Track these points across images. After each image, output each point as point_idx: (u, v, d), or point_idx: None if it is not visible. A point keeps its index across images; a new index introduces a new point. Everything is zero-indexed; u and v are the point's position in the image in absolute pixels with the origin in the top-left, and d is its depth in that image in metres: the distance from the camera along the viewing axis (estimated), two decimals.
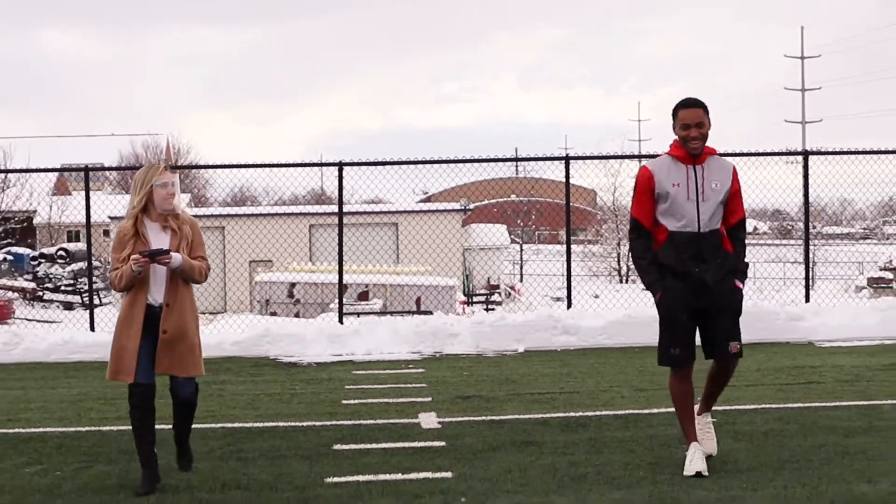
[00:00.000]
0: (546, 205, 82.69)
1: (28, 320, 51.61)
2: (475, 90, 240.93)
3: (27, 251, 70.74)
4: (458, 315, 23.45)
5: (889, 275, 56.74)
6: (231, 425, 11.42)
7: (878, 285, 47.92)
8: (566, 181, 19.74)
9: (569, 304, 19.54)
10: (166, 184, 8.73)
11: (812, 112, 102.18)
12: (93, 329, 19.24)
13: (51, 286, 63.16)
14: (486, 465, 9.20)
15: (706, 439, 8.95)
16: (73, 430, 11.40)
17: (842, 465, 8.82)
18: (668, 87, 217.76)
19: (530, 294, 59.37)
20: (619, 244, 69.36)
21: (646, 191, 8.67)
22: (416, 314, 28.85)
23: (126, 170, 62.74)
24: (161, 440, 8.92)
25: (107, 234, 64.72)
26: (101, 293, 57.97)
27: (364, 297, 45.12)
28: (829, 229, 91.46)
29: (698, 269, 8.55)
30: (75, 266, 62.91)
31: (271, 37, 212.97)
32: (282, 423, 11.43)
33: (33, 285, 63.30)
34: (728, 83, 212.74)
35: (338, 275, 20.19)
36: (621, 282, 68.11)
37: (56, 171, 68.33)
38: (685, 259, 8.56)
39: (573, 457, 9.41)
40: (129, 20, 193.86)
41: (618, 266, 72.14)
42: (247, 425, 11.41)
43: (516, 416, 11.47)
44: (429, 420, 11.30)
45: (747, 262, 8.88)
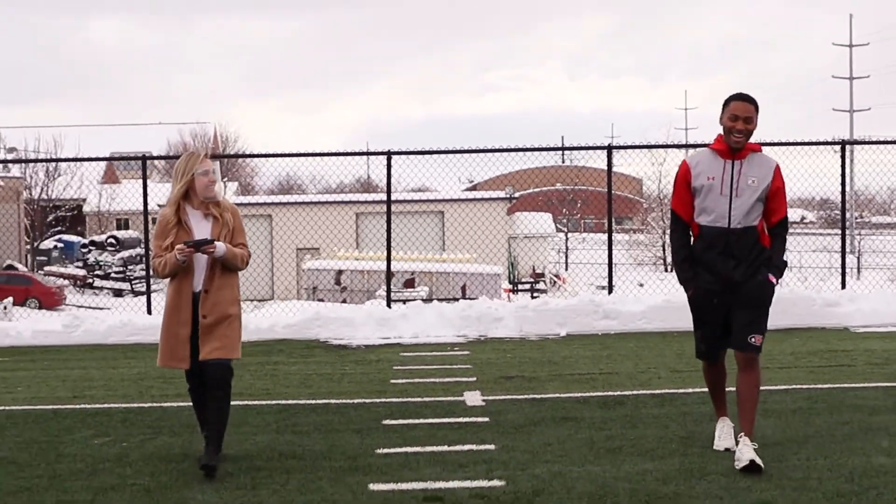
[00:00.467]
0: (591, 193, 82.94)
1: (79, 307, 52.53)
2: (521, 79, 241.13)
3: (77, 239, 71.71)
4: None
5: None
6: (285, 402, 12.01)
7: None
8: (608, 170, 20.25)
9: (610, 290, 20.08)
10: (207, 171, 8.92)
11: (860, 100, 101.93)
12: (150, 312, 19.92)
13: (101, 273, 64.10)
14: (528, 438, 9.75)
15: (745, 451, 8.44)
16: (135, 405, 12.02)
17: (864, 440, 9.31)
18: (714, 76, 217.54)
19: (575, 282, 59.79)
20: (664, 233, 69.56)
21: (683, 183, 8.75)
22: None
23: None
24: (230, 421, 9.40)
25: (155, 222, 65.56)
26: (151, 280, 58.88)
27: (410, 284, 45.71)
28: (879, 219, 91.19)
29: (728, 266, 8.57)
30: (125, 253, 63.85)
31: (314, 26, 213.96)
32: (333, 401, 12.02)
33: (84, 272, 64.27)
34: (775, 71, 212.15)
35: (386, 261, 20.78)
36: (666, 270, 68.35)
37: (112, 160, 69.27)
38: (716, 255, 8.60)
39: (609, 431, 9.95)
40: (173, 9, 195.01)
41: (662, 255, 72.42)
42: (300, 402, 12.00)
43: (557, 395, 12.03)
44: (473, 398, 11.87)
45: (786, 260, 8.80)
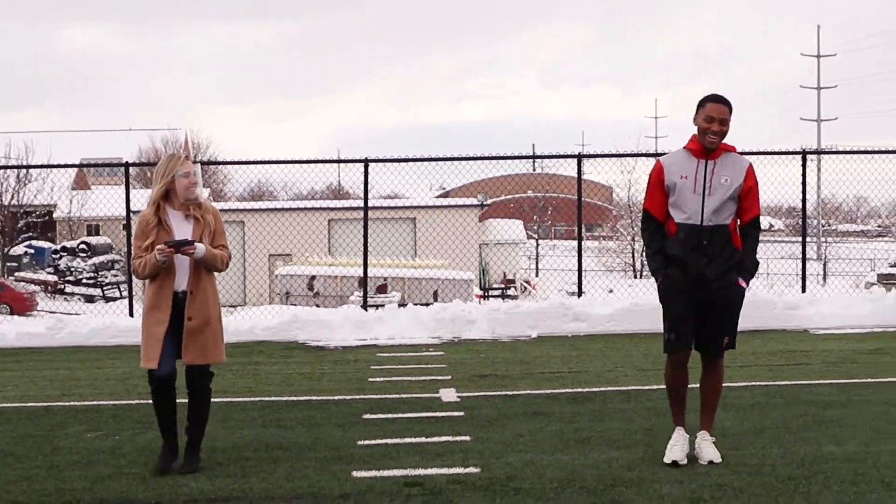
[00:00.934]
0: (562, 201, 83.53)
1: (51, 312, 52.79)
2: (496, 87, 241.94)
3: (48, 245, 71.84)
4: None
5: None
6: (268, 399, 12.55)
7: (887, 282, 48.90)
8: (578, 178, 20.84)
9: (579, 293, 20.69)
10: (188, 173, 8.95)
11: (827, 110, 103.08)
12: (132, 315, 20.39)
13: (72, 279, 64.29)
14: (501, 430, 10.31)
15: (704, 447, 8.88)
16: (124, 402, 12.53)
17: (816, 431, 9.92)
18: (685, 86, 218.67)
19: (546, 288, 60.24)
20: (633, 240, 70.21)
21: (657, 183, 8.82)
22: None
23: None
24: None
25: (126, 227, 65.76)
26: (121, 286, 59.11)
27: (383, 289, 46.13)
28: (845, 227, 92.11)
29: (700, 263, 8.61)
30: (96, 259, 64.02)
31: (289, 33, 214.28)
32: (315, 397, 12.56)
33: (55, 278, 64.47)
34: (744, 81, 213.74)
35: (363, 265, 21.33)
36: (636, 277, 68.95)
37: (90, 167, 69.44)
38: (688, 251, 8.62)
39: (578, 424, 10.53)
40: (146, 16, 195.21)
41: (632, 261, 73.05)
42: (283, 399, 12.53)
43: (528, 392, 12.61)
44: (449, 394, 12.42)
45: (757, 260, 8.87)
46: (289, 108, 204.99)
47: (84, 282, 63.84)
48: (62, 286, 63.95)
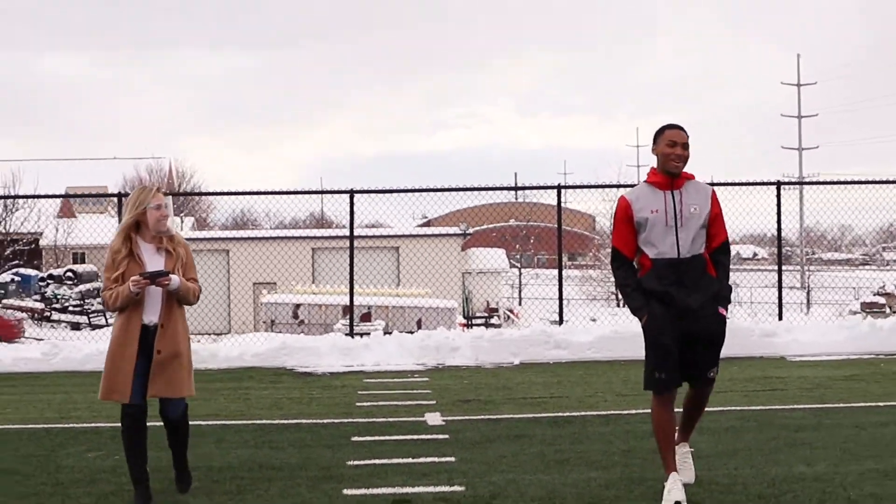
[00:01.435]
0: (545, 230, 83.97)
1: (38, 339, 53.06)
2: (472, 116, 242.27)
3: (34, 272, 72.12)
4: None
5: (882, 300, 58.30)
6: (260, 422, 12.96)
7: (871, 310, 49.37)
8: (558, 208, 21.35)
9: (560, 321, 21.18)
10: (160, 205, 8.89)
11: (808, 139, 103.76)
12: None
13: (58, 307, 64.58)
14: (484, 452, 10.75)
15: (684, 468, 9.01)
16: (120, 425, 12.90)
17: (788, 453, 10.37)
18: (664, 114, 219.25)
19: (528, 317, 60.69)
20: None
21: (624, 219, 8.70)
22: None
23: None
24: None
25: None
26: (108, 314, 59.44)
27: (367, 318, 46.49)
28: (829, 255, 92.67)
29: (681, 294, 8.53)
30: (82, 287, 64.33)
31: (266, 63, 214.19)
32: (304, 421, 12.98)
33: (42, 305, 64.74)
34: (725, 109, 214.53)
35: (349, 293, 21.80)
36: (618, 305, 69.46)
37: (82, 197, 69.84)
38: (668, 285, 8.55)
39: (559, 446, 10.97)
40: (125, 45, 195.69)
41: (615, 290, 73.55)
42: (274, 422, 12.95)
43: (511, 416, 13.04)
44: (434, 418, 12.85)
45: (730, 285, 8.85)
46: (266, 137, 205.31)
47: (70, 309, 64.14)
48: (49, 313, 64.23)
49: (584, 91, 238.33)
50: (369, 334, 20.76)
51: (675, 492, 8.55)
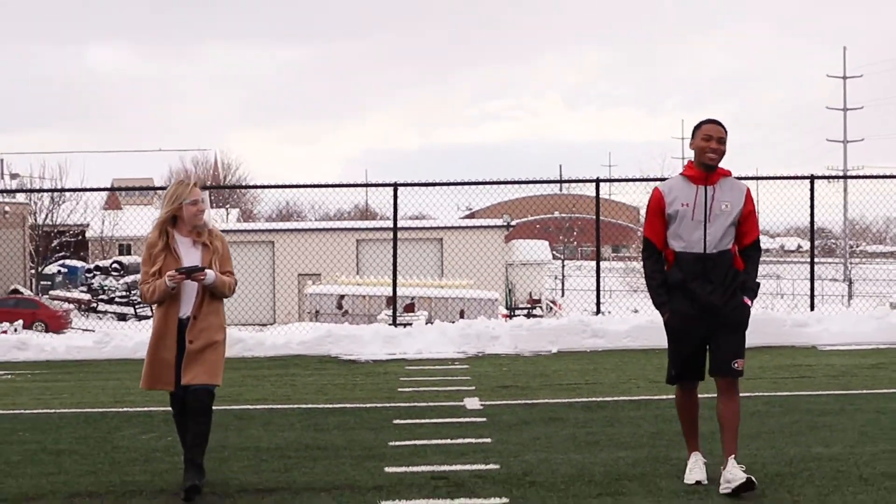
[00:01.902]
0: (588, 221, 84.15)
1: (85, 330, 53.95)
2: (519, 108, 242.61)
3: (80, 264, 73.18)
4: None
5: None
6: (306, 406, 13.58)
7: None
8: (597, 201, 21.88)
9: (598, 311, 21.73)
10: (197, 201, 9.04)
11: (854, 131, 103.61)
12: None
13: (105, 298, 65.55)
14: (520, 433, 11.30)
15: (735, 472, 8.58)
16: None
17: (808, 436, 10.88)
18: (710, 107, 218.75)
19: (571, 308, 61.02)
20: None
21: (657, 210, 8.80)
22: None
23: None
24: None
25: None
26: (153, 305, 60.17)
27: (410, 308, 47.07)
28: (874, 248, 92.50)
29: (705, 290, 8.64)
30: (129, 278, 65.22)
31: (311, 57, 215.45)
32: (349, 405, 13.58)
33: (88, 297, 65.73)
34: (771, 103, 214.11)
35: (392, 284, 22.43)
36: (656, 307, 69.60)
37: (138, 190, 70.68)
38: (691, 280, 8.66)
39: (590, 429, 11.52)
40: (171, 37, 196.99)
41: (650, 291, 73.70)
42: (319, 406, 13.56)
43: (546, 400, 13.61)
44: (472, 403, 13.42)
45: (759, 282, 8.88)
46: (312, 130, 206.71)
47: (117, 300, 65.13)
48: (95, 304, 65.23)
49: (630, 84, 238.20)
50: (412, 324, 21.36)
51: (696, 471, 8.93)
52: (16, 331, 39.62)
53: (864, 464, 9.50)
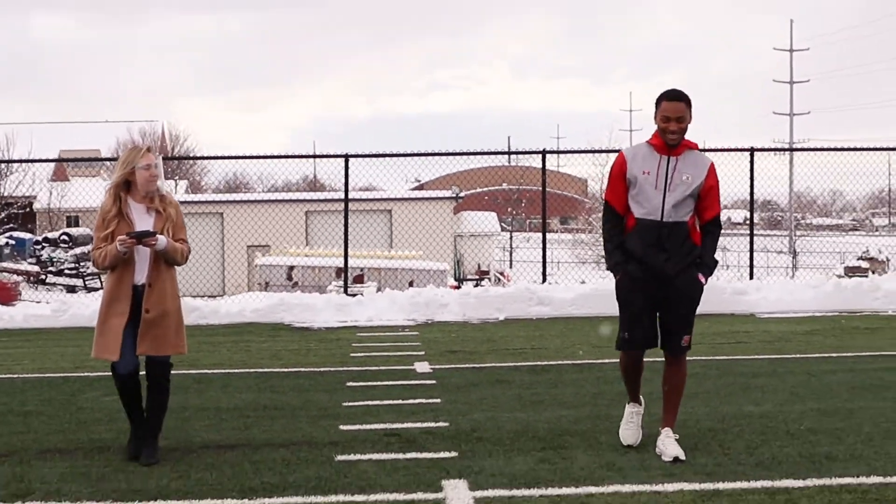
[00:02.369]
0: (536, 193, 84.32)
1: (34, 302, 53.98)
2: (467, 78, 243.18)
3: (28, 236, 73.00)
4: None
5: (865, 264, 59.28)
6: (262, 370, 14.08)
7: (854, 274, 50.37)
8: (542, 172, 22.41)
9: (543, 279, 22.35)
10: (149, 165, 8.94)
11: (800, 104, 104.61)
12: None
13: (54, 270, 65.49)
14: (468, 394, 11.87)
15: (668, 444, 8.90)
16: None
17: (741, 396, 11.51)
18: (658, 77, 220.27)
19: (519, 279, 61.49)
20: None
21: (619, 175, 8.81)
22: None
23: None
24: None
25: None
26: (102, 277, 60.32)
27: (359, 279, 47.39)
28: (819, 220, 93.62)
29: (659, 259, 8.71)
30: (78, 250, 65.22)
31: (257, 24, 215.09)
32: (303, 369, 14.10)
33: (37, 269, 65.65)
34: (717, 74, 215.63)
35: (344, 255, 22.94)
36: (608, 269, 70.24)
37: (85, 161, 70.64)
38: (647, 247, 8.72)
39: (535, 390, 12.09)
40: (115, 5, 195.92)
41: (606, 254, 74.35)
42: (274, 370, 14.06)
43: (493, 364, 14.19)
44: (422, 367, 13.98)
45: (716, 259, 8.98)
46: (258, 98, 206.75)
47: (66, 272, 65.09)
48: (44, 277, 65.17)
49: (578, 54, 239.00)
50: (363, 294, 21.87)
51: (628, 433, 9.24)
52: None
53: (791, 420, 10.12)
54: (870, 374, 12.84)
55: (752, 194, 22.98)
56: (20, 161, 54.53)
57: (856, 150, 25.07)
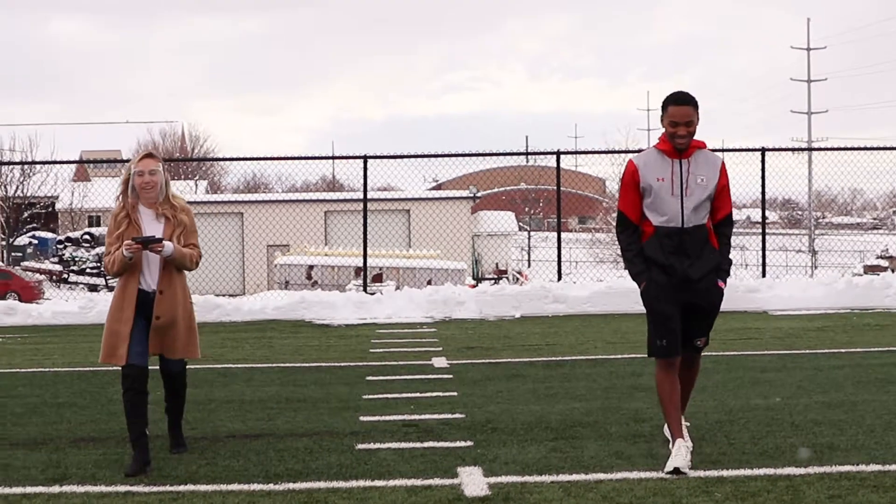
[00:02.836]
0: (553, 193, 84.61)
1: (63, 301, 54.46)
2: (482, 80, 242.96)
3: (51, 235, 73.66)
4: None
5: (884, 262, 59.44)
6: (284, 365, 14.55)
7: (873, 272, 50.59)
8: (557, 172, 22.80)
9: (559, 277, 22.73)
10: (143, 172, 8.74)
11: (818, 103, 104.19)
12: None
13: (76, 269, 66.07)
14: (484, 388, 12.26)
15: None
16: (157, 368, 14.41)
17: (749, 389, 11.86)
18: (675, 77, 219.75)
19: (537, 279, 61.89)
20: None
21: (631, 184, 8.67)
22: None
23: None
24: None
25: None
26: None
27: (378, 279, 47.84)
28: (839, 219, 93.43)
29: (682, 264, 8.57)
30: (99, 249, 65.74)
31: (274, 26, 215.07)
32: (324, 364, 14.56)
33: (60, 268, 66.24)
34: (734, 73, 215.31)
35: (363, 254, 23.37)
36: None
37: (106, 162, 71.22)
38: (669, 253, 8.57)
39: (549, 384, 12.48)
40: (134, 8, 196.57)
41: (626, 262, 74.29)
42: (296, 365, 14.52)
43: (509, 360, 14.61)
44: (440, 362, 14.40)
45: (730, 259, 8.91)
46: (276, 100, 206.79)
47: (88, 271, 65.64)
48: (66, 275, 65.76)
49: (594, 54, 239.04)
50: (381, 292, 22.28)
51: (678, 458, 8.37)
52: None
53: (797, 413, 10.46)
54: (876, 369, 13.19)
55: (763, 194, 23.31)
56: (43, 162, 55.12)
57: (871, 149, 25.36)
